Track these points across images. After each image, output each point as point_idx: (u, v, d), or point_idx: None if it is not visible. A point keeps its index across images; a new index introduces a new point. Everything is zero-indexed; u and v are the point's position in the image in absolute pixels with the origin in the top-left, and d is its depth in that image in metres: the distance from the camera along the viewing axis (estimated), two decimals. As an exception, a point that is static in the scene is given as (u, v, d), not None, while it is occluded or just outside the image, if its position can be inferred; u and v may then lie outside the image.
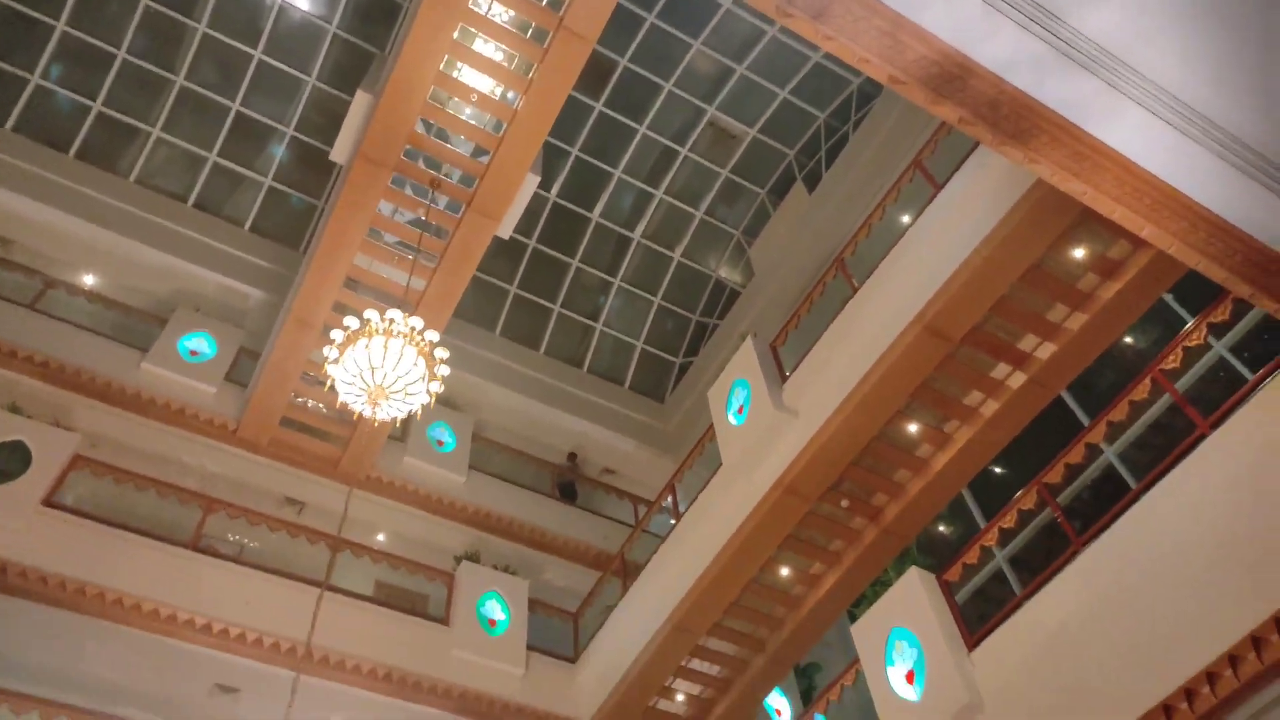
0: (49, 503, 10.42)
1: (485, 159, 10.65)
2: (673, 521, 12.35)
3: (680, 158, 16.61)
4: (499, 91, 10.39)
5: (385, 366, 7.09)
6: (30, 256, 13.87)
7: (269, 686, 10.28)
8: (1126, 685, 6.60)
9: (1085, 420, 10.72)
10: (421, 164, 11.06)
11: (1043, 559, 8.26)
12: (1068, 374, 9.42)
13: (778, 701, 13.90)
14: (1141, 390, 7.75)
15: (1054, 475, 8.18)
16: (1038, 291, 8.92)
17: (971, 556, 8.59)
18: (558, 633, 13.20)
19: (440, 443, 14.65)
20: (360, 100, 10.44)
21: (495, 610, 12.39)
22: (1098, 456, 10.33)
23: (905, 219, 12.25)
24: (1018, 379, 9.42)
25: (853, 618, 9.84)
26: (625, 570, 13.08)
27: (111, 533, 10.53)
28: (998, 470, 12.19)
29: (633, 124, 16.20)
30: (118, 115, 14.80)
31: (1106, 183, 5.25)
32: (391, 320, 7.33)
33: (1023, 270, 8.59)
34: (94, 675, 10.07)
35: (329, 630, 10.58)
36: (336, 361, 7.25)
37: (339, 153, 10.80)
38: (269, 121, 15.39)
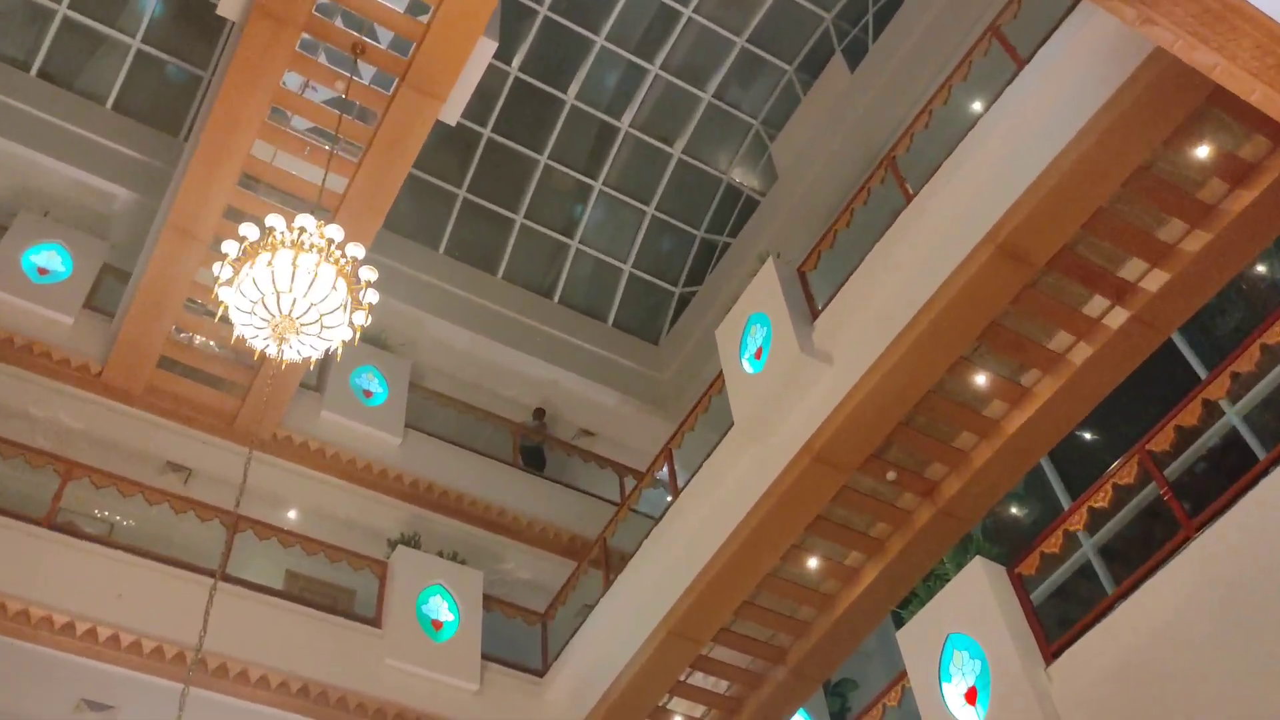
0: None
1: (424, 17, 10.46)
2: (669, 498, 12.44)
3: (683, 20, 16.37)
4: (443, -73, 10.18)
5: (294, 291, 7.02)
6: None
7: (150, 702, 10.39)
8: (1247, 708, 6.71)
9: (1203, 372, 10.77)
10: (340, 22, 10.87)
11: (1142, 549, 8.33)
12: (1183, 311, 9.43)
13: (802, 726, 14.16)
14: (1278, 331, 7.76)
15: (1161, 442, 8.21)
16: (1147, 202, 8.88)
17: (1052, 545, 8.66)
18: (521, 638, 13.36)
19: (368, 393, 14.66)
20: (259, -63, 10.22)
21: (440, 609, 12.51)
22: (1218, 419, 10.40)
23: (976, 106, 12.11)
24: (1117, 316, 9.43)
25: (899, 622, 9.93)
26: (608, 560, 13.20)
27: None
28: (1088, 436, 12.27)
29: (621, -25, 15.98)
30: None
31: (1244, 51, 5.18)
32: (302, 230, 7.25)
33: (1128, 174, 8.53)
34: (-79, 688, 10.18)
35: (227, 632, 10.62)
36: (230, 284, 7.18)
37: (229, 6, 10.58)
38: (138, -34, 15.12)
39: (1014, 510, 13.25)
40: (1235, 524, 7.26)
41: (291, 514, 13.99)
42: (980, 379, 9.98)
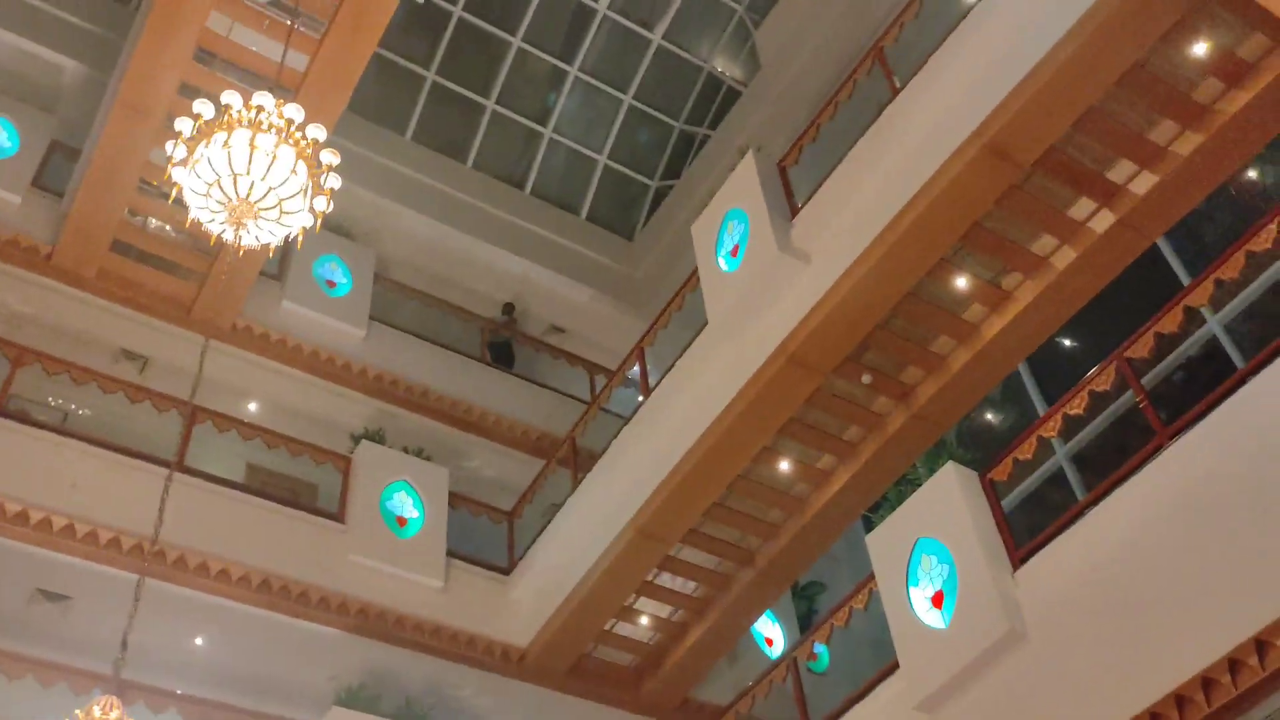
0: None
1: (393, -113, 10.19)
2: (640, 398, 12.52)
3: (666, -102, 15.99)
4: None
5: (252, 173, 6.93)
6: None
7: (108, 593, 10.44)
8: (1213, 615, 6.88)
9: (1186, 279, 10.86)
10: (303, -110, 10.55)
11: (1117, 457, 8.47)
12: (1170, 215, 9.47)
13: (769, 629, 14.48)
14: (1264, 239, 7.80)
15: (1140, 349, 8.28)
16: (1139, 101, 8.86)
17: (1025, 451, 8.76)
18: (487, 536, 13.54)
19: (331, 283, 14.59)
20: None
21: (405, 505, 12.64)
22: (1199, 327, 10.53)
23: (970, -4, 11.97)
24: (1104, 220, 9.46)
25: (869, 526, 10.12)
26: (576, 458, 13.33)
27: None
28: (1067, 343, 12.39)
29: None
30: None
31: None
32: (260, 108, 7.12)
33: (1121, 72, 8.49)
34: None
35: (185, 524, 10.74)
36: (185, 163, 7.07)
37: None
38: None
39: (989, 416, 13.44)
40: (1210, 433, 7.37)
41: (252, 406, 14.01)
42: (960, 282, 10.03)
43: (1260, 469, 7.00)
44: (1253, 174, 10.89)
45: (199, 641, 11.32)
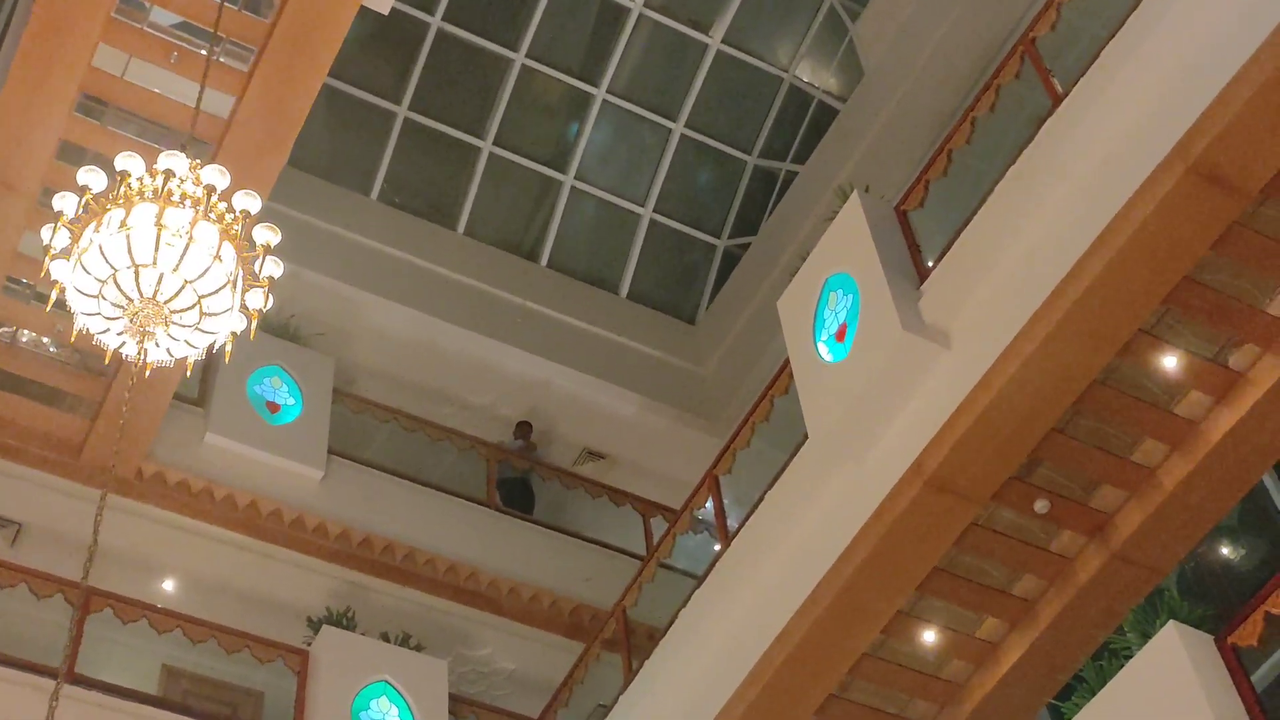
0: None
1: None
2: (716, 547, 12.42)
3: None
4: None
5: (160, 263, 7.02)
6: None
7: None
8: None
9: None
10: None
11: None
12: None
13: None
14: None
15: None
16: None
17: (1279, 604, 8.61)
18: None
19: (274, 407, 14.74)
20: None
21: (389, 717, 12.56)
22: None
23: (1152, -37, 12.04)
24: (1372, 261, 9.37)
25: (1060, 717, 9.91)
26: (629, 639, 13.23)
27: None
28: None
29: None
30: None
31: None
32: (170, 173, 7.24)
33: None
34: None
35: (77, 760, 10.75)
36: (67, 254, 7.17)
37: None
38: None
39: (1225, 552, 13.20)
40: None
41: (168, 585, 14.07)
42: (1170, 361, 9.92)
43: None
44: None
45: None
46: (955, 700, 11.43)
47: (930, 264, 10.76)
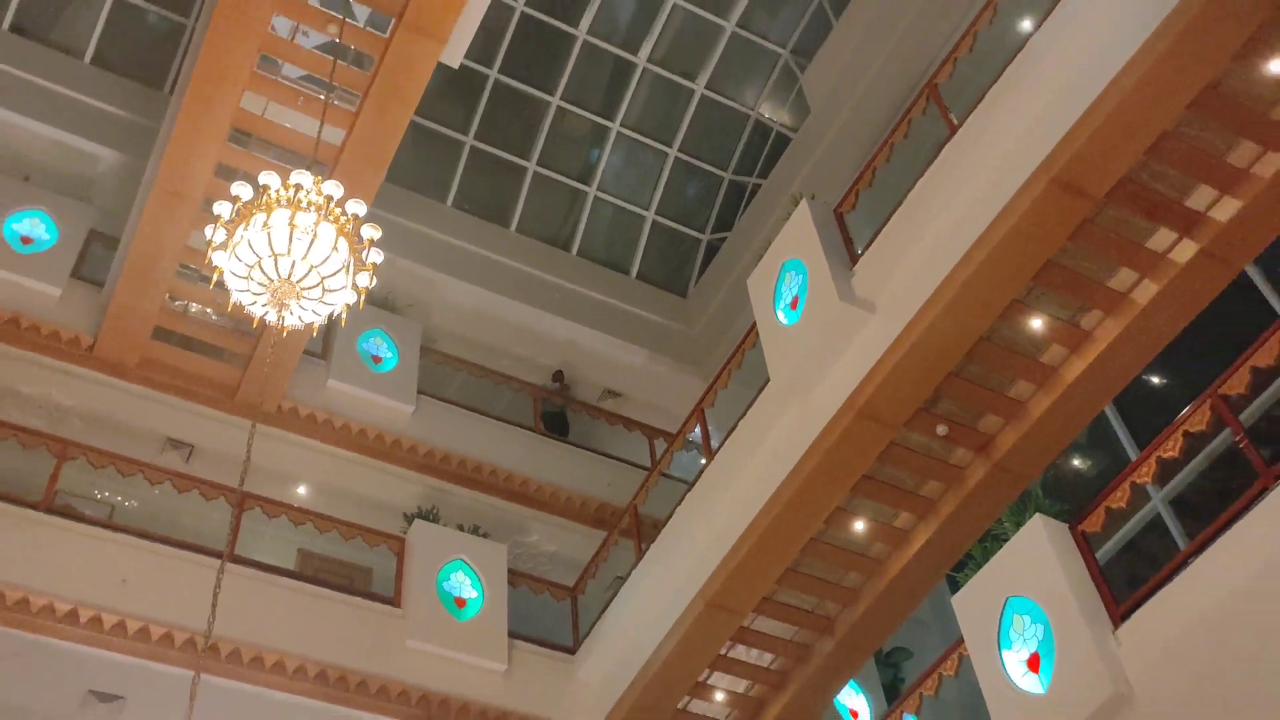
0: None
1: (423, -48, 10.37)
2: (703, 461, 12.44)
3: (702, -55, 16.18)
4: None
5: (292, 253, 7.01)
6: None
7: (161, 691, 10.53)
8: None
9: (1280, 307, 10.65)
10: (332, -39, 10.81)
11: (1219, 501, 8.26)
12: (1256, 242, 9.26)
13: (853, 700, 14.20)
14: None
15: (1236, 384, 8.11)
16: (1215, 124, 8.72)
17: (1119, 499, 8.60)
18: (550, 614, 13.47)
19: (377, 359, 14.71)
20: None
21: (463, 585, 12.61)
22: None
23: (1025, 25, 11.91)
24: (1185, 250, 9.29)
25: (955, 586, 9.91)
26: (639, 528, 13.25)
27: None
28: (1155, 381, 12.16)
29: (633, -103, 15.77)
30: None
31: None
32: (298, 187, 7.22)
33: (1195, 94, 8.36)
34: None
35: (238, 616, 10.76)
36: (224, 247, 7.17)
37: (212, -52, 10.54)
38: (112, -93, 15.04)
39: (1076, 463, 13.19)
40: (1319, 471, 7.19)
41: (301, 490, 14.09)
42: (1036, 323, 9.88)
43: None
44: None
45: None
46: (878, 573, 11.45)
47: (860, 251, 10.73)
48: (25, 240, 13.25)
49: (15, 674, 10.48)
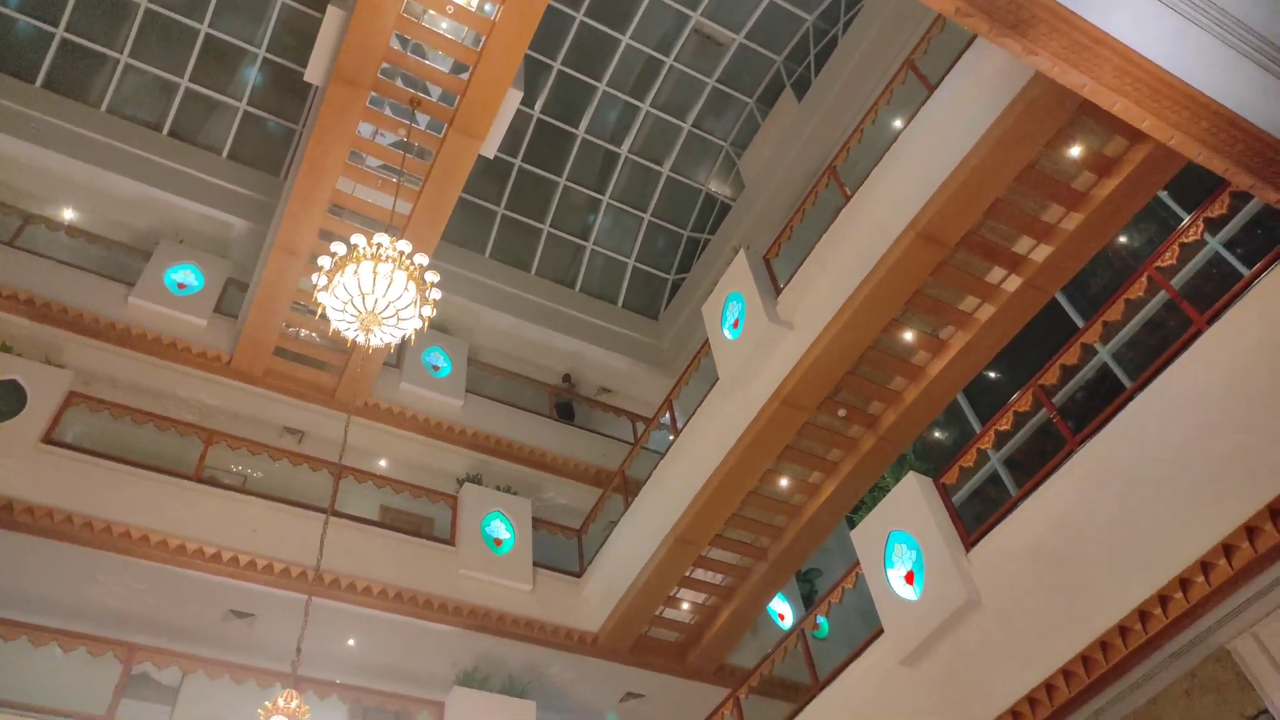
0: (49, 440, 10.43)
1: (465, 75, 10.35)
2: (671, 437, 12.45)
3: (665, 68, 16.20)
4: (475, 2, 10.04)
5: (376, 292, 6.98)
6: (5, 192, 13.56)
7: (282, 610, 10.48)
8: (1123, 577, 6.72)
9: (1080, 322, 10.71)
10: (400, 82, 10.76)
11: (1038, 460, 8.32)
12: (1063, 275, 9.37)
13: (780, 606, 14.23)
14: (1138, 288, 7.70)
15: (1050, 377, 8.17)
16: (1033, 192, 8.82)
17: (968, 460, 8.63)
18: (562, 550, 13.42)
19: (436, 367, 14.65)
20: (332, 16, 10.08)
21: (500, 529, 12.56)
22: (1093, 357, 10.38)
23: (898, 123, 12.01)
24: (1013, 282, 9.38)
25: (851, 524, 9.95)
26: (626, 487, 13.23)
27: (114, 467, 10.57)
28: (993, 375, 12.24)
29: (615, 34, 15.75)
30: (82, 41, 14.31)
31: (1107, 73, 5.11)
32: (379, 245, 7.20)
33: (1018, 171, 8.46)
34: (108, 607, 10.26)
35: (337, 555, 10.75)
36: (326, 289, 7.14)
37: (313, 73, 10.48)
38: (239, 43, 14.92)
39: (938, 435, 13.25)
40: (1110, 437, 7.23)
41: (382, 462, 14.02)
42: (908, 335, 9.96)
43: (1149, 460, 6.85)
44: (1124, 239, 10.78)
45: (351, 642, 11.25)
46: (798, 516, 11.49)
47: (782, 286, 10.76)
48: (180, 285, 13.17)
49: (175, 599, 10.45)
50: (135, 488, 10.51)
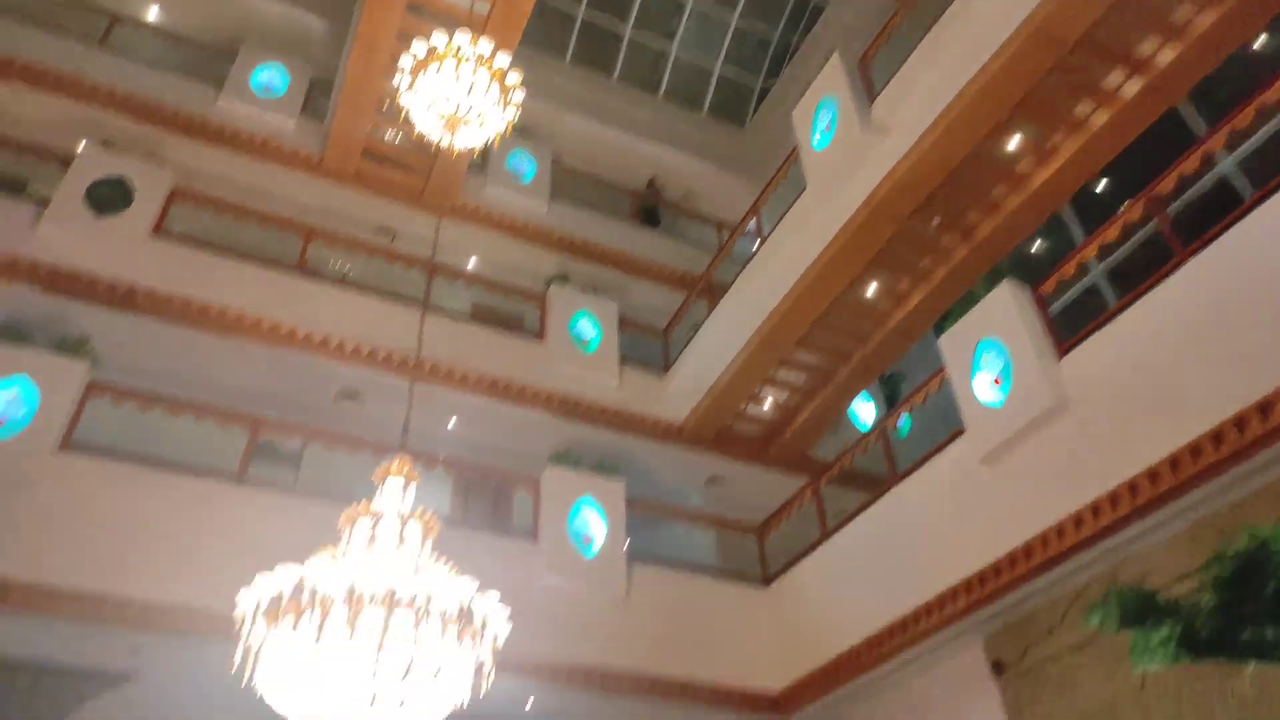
0: (159, 231, 10.79)
1: None
2: (758, 242, 12.26)
3: None
4: None
5: (458, 94, 6.82)
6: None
7: (387, 393, 11.04)
8: (1219, 389, 6.51)
9: (1200, 133, 9.93)
10: None
11: (1143, 273, 7.94)
12: (1188, 80, 8.59)
13: (862, 407, 14.36)
14: (1272, 94, 7.02)
15: (1165, 186, 7.66)
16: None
17: (1068, 271, 8.27)
18: (648, 350, 13.64)
19: (520, 172, 14.51)
20: None
21: (587, 329, 12.77)
22: (1211, 170, 9.70)
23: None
24: (1133, 86, 8.66)
25: (940, 332, 9.80)
26: (711, 290, 13.22)
27: (221, 259, 10.94)
28: (1100, 188, 11.59)
29: None
30: None
31: None
32: (460, 45, 6.96)
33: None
34: (229, 384, 10.92)
35: (435, 345, 11.16)
36: (410, 88, 6.99)
37: None
38: None
39: (1036, 248, 12.75)
40: (1221, 251, 6.81)
41: (472, 261, 14.20)
42: (1013, 143, 9.38)
43: (1260, 280, 6.49)
44: (1257, 45, 9.79)
45: (451, 425, 11.89)
46: (883, 323, 11.39)
47: (878, 91, 10.16)
48: (266, 88, 13.12)
49: (288, 378, 11.02)
50: (243, 277, 10.88)
